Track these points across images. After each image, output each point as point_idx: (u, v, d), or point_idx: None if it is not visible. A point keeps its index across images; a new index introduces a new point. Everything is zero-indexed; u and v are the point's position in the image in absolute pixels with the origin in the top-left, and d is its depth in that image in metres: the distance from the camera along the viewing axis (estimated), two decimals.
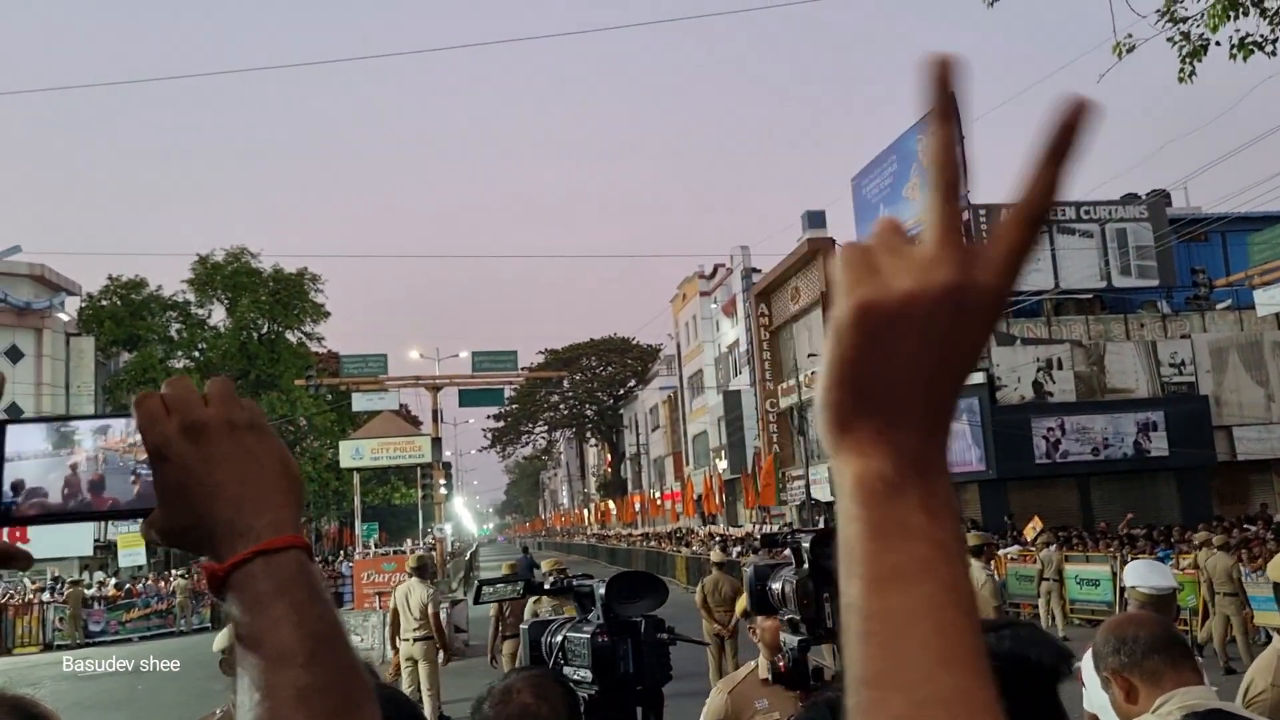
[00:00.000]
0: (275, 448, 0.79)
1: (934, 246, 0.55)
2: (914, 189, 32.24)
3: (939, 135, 0.57)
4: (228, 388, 0.80)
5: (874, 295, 0.54)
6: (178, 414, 0.77)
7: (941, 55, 0.56)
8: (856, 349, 0.55)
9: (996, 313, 0.56)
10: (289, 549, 0.75)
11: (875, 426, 0.55)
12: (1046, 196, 0.55)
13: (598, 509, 75.41)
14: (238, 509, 0.75)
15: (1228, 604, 12.67)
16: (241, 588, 0.74)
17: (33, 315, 36.87)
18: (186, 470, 0.76)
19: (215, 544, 0.75)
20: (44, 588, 27.36)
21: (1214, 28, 9.44)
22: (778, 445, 40.43)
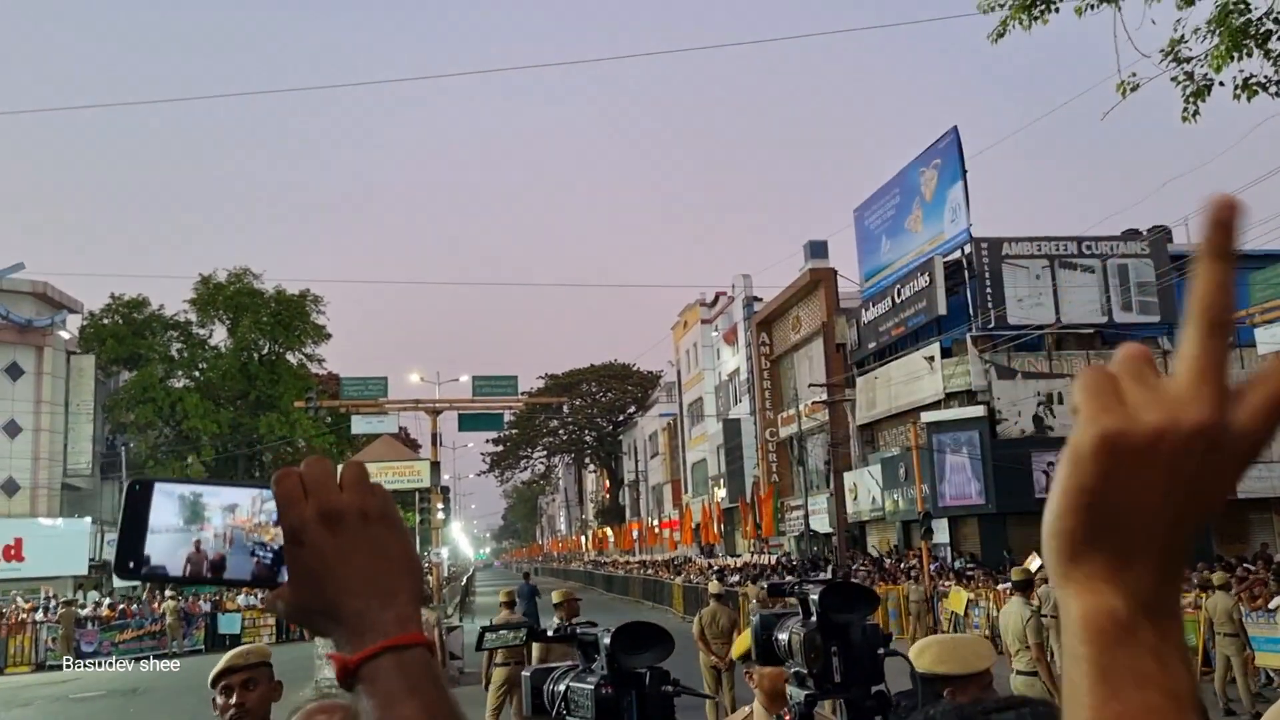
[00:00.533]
0: (403, 539, 0.82)
1: (1191, 382, 0.52)
2: (916, 222, 32.33)
3: (1213, 274, 0.53)
4: (363, 474, 0.82)
5: (1121, 426, 0.52)
6: (315, 498, 0.78)
7: (1226, 198, 0.53)
8: (1096, 479, 0.52)
9: (1249, 459, 0.53)
10: (416, 646, 0.78)
11: (1108, 562, 0.53)
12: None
13: (595, 535, 75.12)
14: (366, 602, 0.78)
15: (1228, 644, 12.58)
16: (371, 681, 0.76)
17: (34, 333, 36.87)
18: (320, 558, 0.78)
19: (343, 634, 0.78)
20: (37, 607, 27.20)
21: (1217, 68, 9.49)
22: (777, 475, 40.33)
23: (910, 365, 29.92)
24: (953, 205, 30.06)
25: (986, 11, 10.25)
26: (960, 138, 30.26)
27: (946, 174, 30.57)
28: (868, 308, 34.00)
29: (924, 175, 31.81)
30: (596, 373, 72.64)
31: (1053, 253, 28.87)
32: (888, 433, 32.34)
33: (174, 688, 19.60)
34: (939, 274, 29.44)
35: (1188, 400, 0.52)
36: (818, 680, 1.72)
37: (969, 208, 29.40)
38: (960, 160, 30.02)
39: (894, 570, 24.98)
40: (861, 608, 1.75)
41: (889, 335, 32.31)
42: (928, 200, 31.53)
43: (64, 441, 37.85)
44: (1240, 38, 9.39)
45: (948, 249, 30.06)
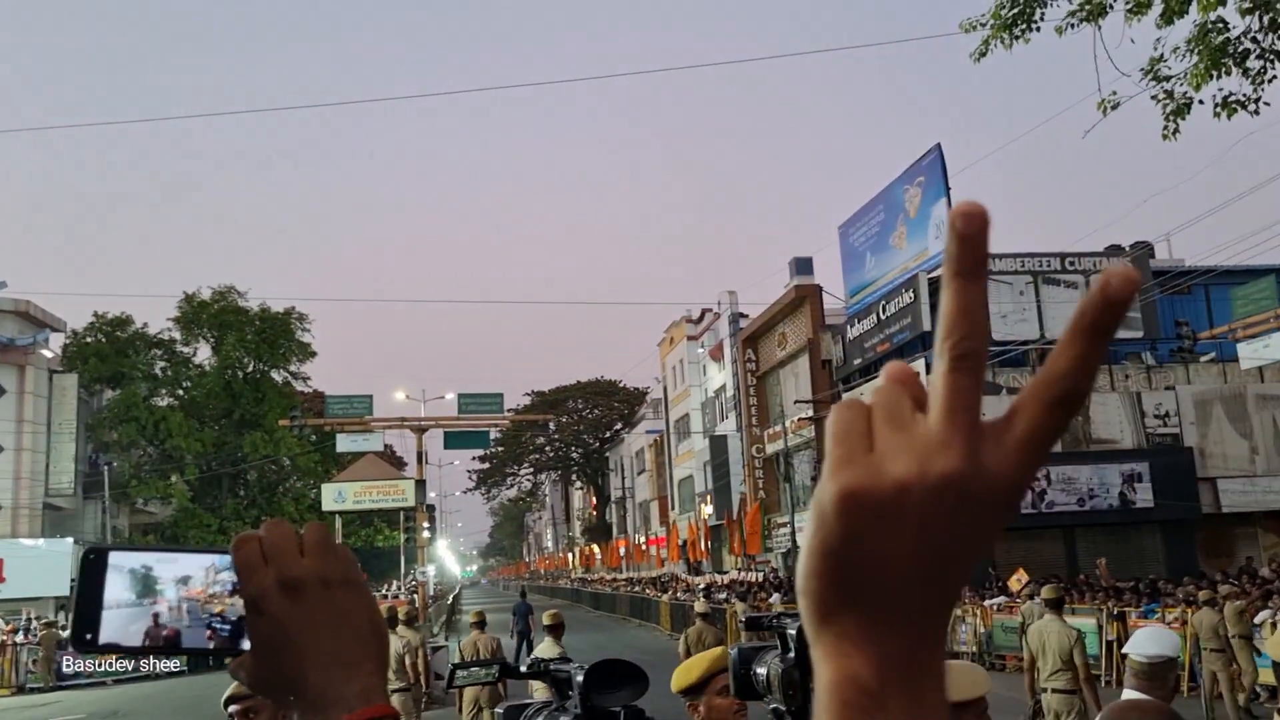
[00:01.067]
0: (366, 605, 0.79)
1: (940, 425, 0.47)
2: (900, 238, 32.44)
3: (958, 296, 0.48)
4: (325, 538, 0.80)
5: (862, 481, 0.47)
6: (275, 565, 0.76)
7: (971, 207, 0.47)
8: (839, 539, 0.47)
9: (1009, 507, 0.48)
10: (380, 719, 0.75)
11: (858, 624, 0.47)
12: (1076, 376, 0.46)
13: (582, 553, 74.90)
14: (328, 675, 0.75)
15: (1214, 660, 12.59)
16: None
17: (16, 351, 36.61)
18: (279, 628, 0.75)
19: (305, 708, 0.76)
20: (17, 629, 26.89)
21: (1197, 86, 9.56)
22: (764, 491, 40.29)
23: None
24: (936, 222, 30.19)
25: (969, 31, 10.32)
26: (944, 155, 30.43)
27: (930, 191, 30.72)
28: (853, 324, 34.07)
29: (908, 192, 31.95)
30: (583, 390, 72.56)
31: (1036, 269, 29.01)
32: None
33: (157, 709, 19.39)
34: (923, 290, 29.53)
35: (935, 446, 0.46)
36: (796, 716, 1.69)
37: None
38: (944, 177, 30.17)
39: None
40: None
41: (874, 351, 32.37)
42: (912, 217, 31.67)
43: (46, 461, 37.53)
44: (1219, 56, 9.47)
45: (932, 265, 30.16)
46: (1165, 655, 3.73)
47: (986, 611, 19.61)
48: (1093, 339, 0.46)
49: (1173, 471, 26.44)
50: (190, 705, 19.74)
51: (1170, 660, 3.75)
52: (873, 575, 0.47)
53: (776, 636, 1.76)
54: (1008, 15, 10.02)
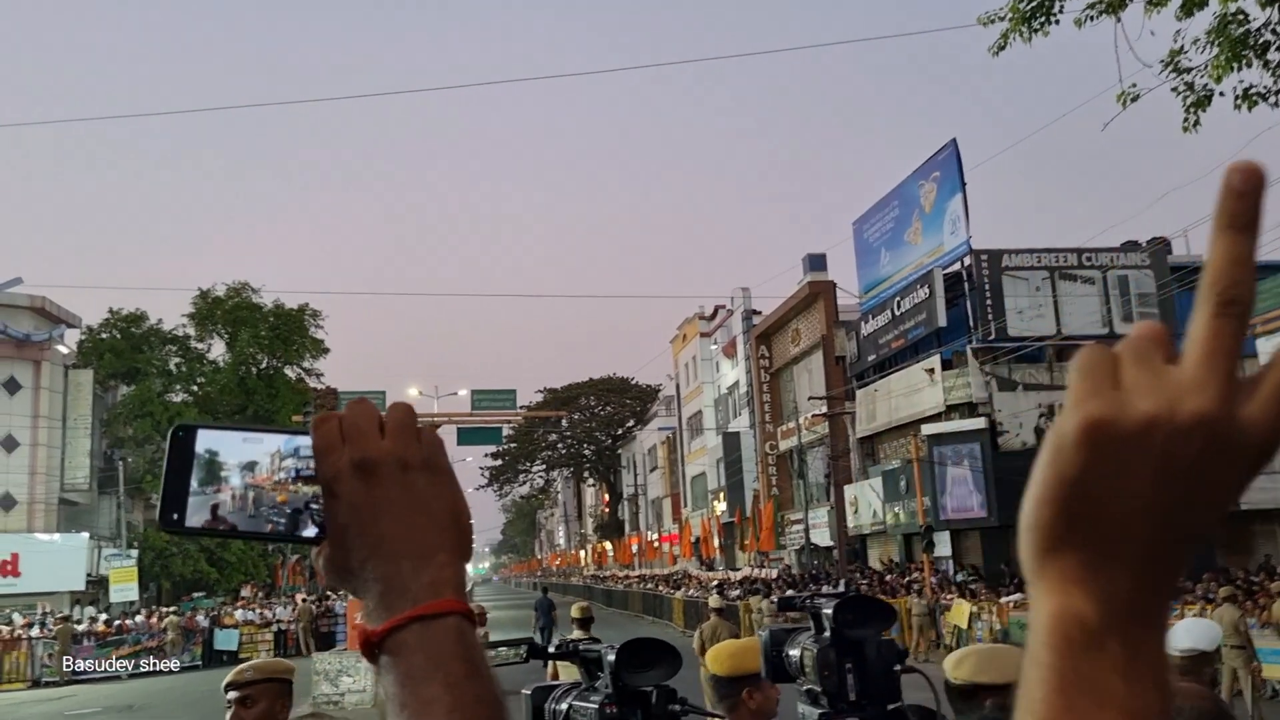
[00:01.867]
0: (447, 493, 0.73)
1: (1195, 368, 0.46)
2: (915, 234, 32.31)
3: (1230, 248, 0.46)
4: (409, 419, 0.74)
5: (1110, 412, 0.46)
6: (352, 445, 0.71)
7: (1249, 165, 0.46)
8: (1078, 469, 0.46)
9: (1260, 460, 0.46)
10: (448, 615, 0.69)
11: (1083, 560, 0.47)
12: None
13: (594, 550, 74.93)
14: (397, 565, 0.70)
15: (1234, 656, 12.48)
16: (395, 655, 0.68)
17: (32, 347, 36.80)
18: (354, 514, 0.70)
19: (372, 600, 0.70)
20: (32, 623, 27.04)
21: (1218, 78, 9.47)
22: (777, 488, 40.21)
23: (910, 378, 29.85)
24: (952, 217, 30.05)
25: (987, 24, 10.24)
26: (959, 150, 30.28)
27: (946, 186, 30.58)
28: (867, 320, 33.96)
29: (923, 187, 31.81)
30: (595, 386, 72.54)
31: (1053, 264, 28.85)
32: (888, 445, 32.25)
33: (170, 703, 19.47)
34: (939, 286, 29.41)
35: (1189, 387, 0.46)
36: (832, 699, 1.65)
37: (968, 219, 29.39)
38: (959, 172, 30.03)
39: (895, 584, 24.87)
40: (876, 622, 1.68)
41: (889, 348, 32.25)
42: (927, 212, 31.53)
43: (61, 456, 37.72)
44: (1240, 48, 9.38)
45: (947, 261, 30.03)
46: (1199, 649, 3.67)
47: (1003, 609, 19.53)
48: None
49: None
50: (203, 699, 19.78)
51: (1204, 654, 3.70)
52: (1107, 510, 0.46)
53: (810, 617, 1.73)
54: (1026, 8, 9.94)
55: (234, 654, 28.17)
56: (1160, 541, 0.46)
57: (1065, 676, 0.46)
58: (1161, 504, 0.46)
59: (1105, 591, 0.46)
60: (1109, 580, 0.46)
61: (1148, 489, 0.45)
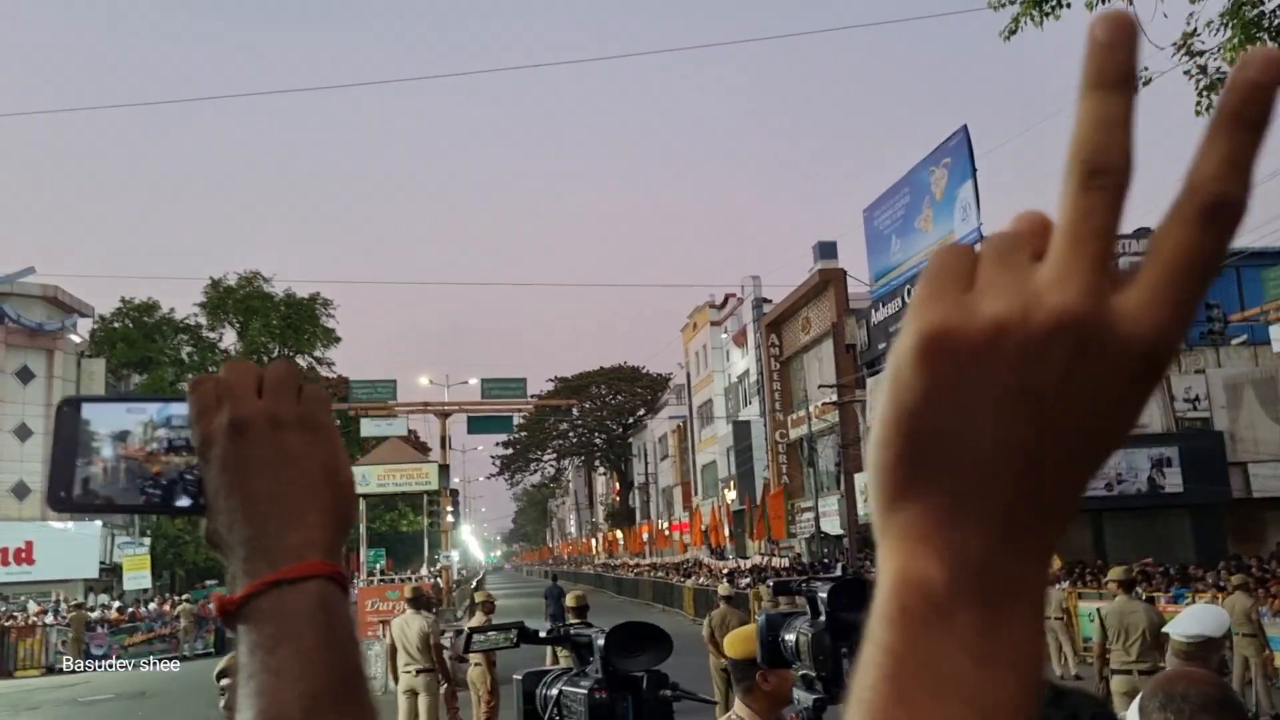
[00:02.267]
0: (324, 451, 0.68)
1: (1059, 254, 0.36)
2: (926, 221, 32.18)
3: (1096, 108, 0.36)
4: (287, 375, 0.69)
5: (949, 320, 0.35)
6: (227, 405, 0.67)
7: (1116, 13, 0.37)
8: (917, 397, 0.36)
9: (1150, 369, 0.36)
10: (310, 579, 0.63)
11: (930, 511, 0.36)
12: (1225, 179, 0.35)
13: (605, 538, 75.08)
14: (264, 524, 0.65)
15: (1247, 645, 12.42)
16: (249, 624, 0.63)
17: (45, 336, 36.98)
18: (223, 473, 0.66)
19: (235, 565, 0.65)
20: (47, 610, 27.24)
21: (1231, 61, 9.37)
22: (787, 477, 40.20)
23: None
24: (963, 204, 29.90)
25: (998, 9, 10.17)
26: (970, 136, 30.11)
27: (956, 173, 30.42)
28: (878, 308, 33.86)
29: (934, 174, 31.66)
30: (606, 375, 72.60)
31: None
32: None
33: (183, 690, 19.57)
34: None
35: (1049, 282, 0.35)
36: (827, 684, 1.62)
37: (979, 206, 29.24)
38: (970, 159, 29.87)
39: None
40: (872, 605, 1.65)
41: None
42: (938, 199, 31.38)
43: None
44: (1253, 30, 9.30)
45: None
46: (1206, 635, 3.65)
47: None
48: (1238, 131, 0.35)
49: (1202, 456, 26.14)
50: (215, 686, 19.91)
51: (1212, 640, 3.68)
52: (957, 446, 0.36)
53: (805, 601, 1.70)
54: None
55: None
56: (1028, 485, 0.35)
57: (901, 657, 0.36)
58: (1022, 435, 0.35)
59: (956, 552, 0.36)
60: (961, 537, 0.36)
61: (1005, 416, 0.35)
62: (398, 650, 10.44)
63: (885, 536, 0.38)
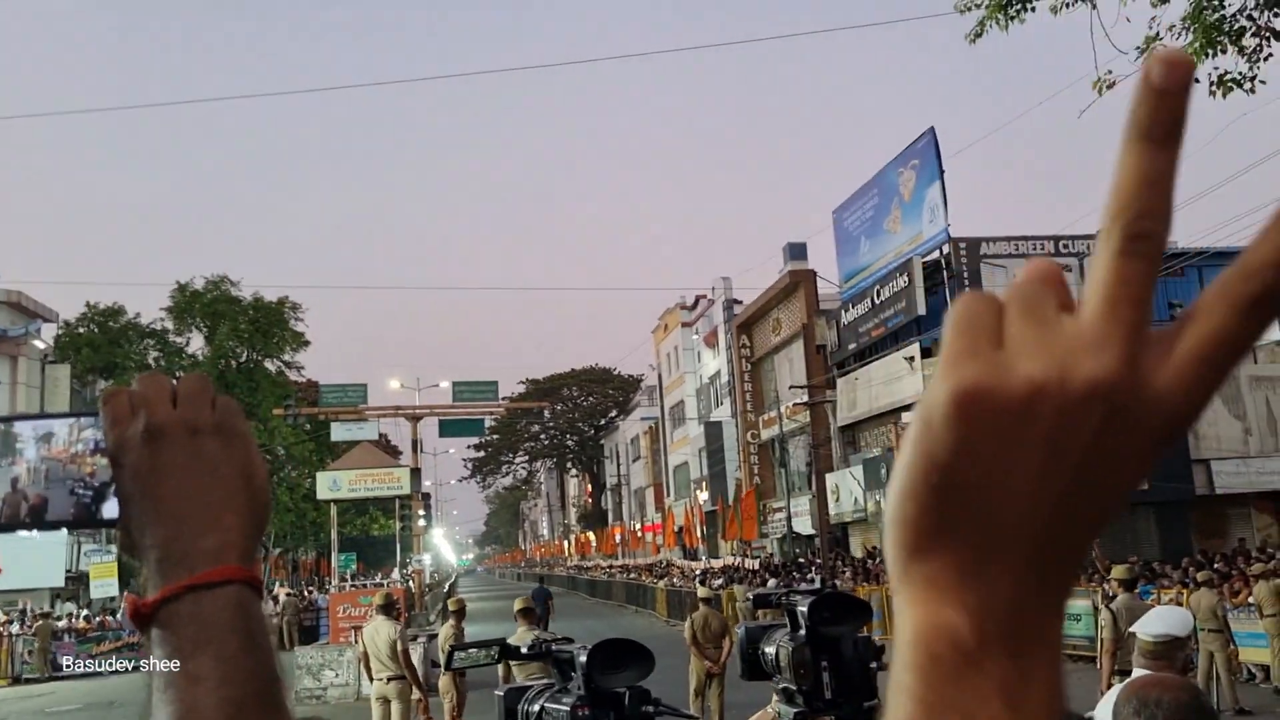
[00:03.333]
0: (240, 456, 0.69)
1: (1097, 319, 0.36)
2: (895, 222, 32.40)
3: (1143, 164, 0.35)
4: (202, 386, 0.71)
5: (985, 380, 0.35)
6: (142, 414, 0.68)
7: (1176, 56, 0.35)
8: (948, 452, 0.36)
9: (1171, 436, 0.37)
10: (226, 584, 0.64)
11: (958, 563, 0.37)
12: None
13: (578, 540, 74.98)
14: (177, 529, 0.65)
15: (1212, 640, 12.60)
16: (165, 628, 0.63)
17: (7, 342, 36.45)
18: (136, 480, 0.67)
19: (149, 569, 0.66)
20: (12, 620, 26.83)
21: None
22: (759, 477, 40.33)
23: (890, 366, 29.97)
24: (931, 205, 30.14)
25: (963, 11, 10.26)
26: (938, 138, 30.36)
27: (924, 174, 30.66)
28: (847, 309, 34.05)
29: (902, 176, 31.89)
30: (577, 377, 72.56)
31: (1031, 252, 28.97)
32: (869, 433, 32.38)
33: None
34: (918, 274, 29.51)
35: (1086, 346, 0.35)
36: (808, 697, 1.64)
37: (947, 208, 29.48)
38: (938, 160, 30.11)
39: (878, 571, 24.99)
40: (853, 619, 1.67)
41: (869, 336, 32.36)
42: (906, 201, 31.61)
43: None
44: (1214, 34, 9.43)
45: (926, 249, 30.14)
46: (1172, 634, 3.70)
47: None
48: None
49: (1166, 452, 26.39)
50: None
51: (1178, 639, 3.73)
52: (985, 501, 0.36)
53: (785, 614, 1.72)
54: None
55: None
56: (1051, 538, 0.36)
57: (932, 706, 0.36)
58: (1052, 492, 0.36)
59: (983, 602, 0.36)
60: (988, 588, 0.36)
61: (1034, 472, 0.36)
62: (370, 657, 10.38)
63: (908, 585, 0.38)
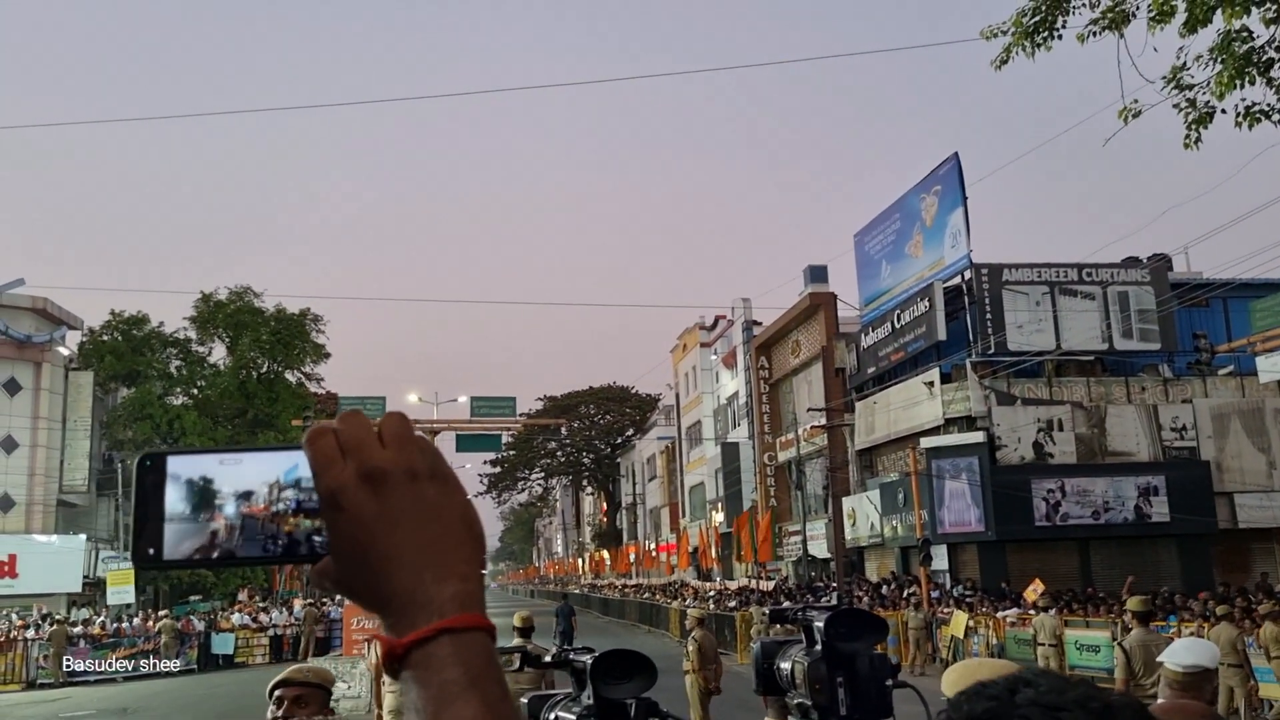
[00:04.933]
0: (459, 501, 0.71)
1: None
2: (916, 247, 32.34)
3: None
4: (406, 428, 0.72)
5: None
6: (354, 457, 0.69)
7: None
8: None
9: None
10: (477, 630, 0.67)
11: None
12: None
13: (592, 558, 74.77)
14: (419, 577, 0.68)
15: (1231, 675, 12.43)
16: (424, 669, 0.66)
17: (33, 348, 36.79)
18: (363, 526, 0.68)
19: (392, 613, 0.68)
20: (29, 624, 26.97)
21: (1220, 95, 9.47)
22: (775, 499, 40.15)
23: (910, 390, 29.84)
24: (953, 231, 30.07)
25: (990, 38, 10.25)
26: (961, 164, 30.31)
27: (947, 200, 30.61)
28: (867, 332, 33.96)
29: (924, 201, 31.84)
30: (595, 395, 72.49)
31: (1053, 279, 28.85)
32: (887, 458, 32.22)
33: (165, 706, 19.41)
34: (939, 299, 29.41)
35: None
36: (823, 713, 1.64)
37: (969, 233, 29.41)
38: (961, 186, 30.05)
39: (893, 597, 24.82)
40: (869, 636, 1.67)
41: (888, 360, 32.24)
42: (928, 226, 31.55)
43: (60, 458, 37.68)
44: (1243, 65, 9.39)
45: (948, 274, 30.05)
46: (1202, 665, 3.66)
47: (999, 623, 19.48)
48: None
49: (1189, 485, 26.22)
50: (197, 702, 19.76)
51: (1207, 671, 3.69)
52: None
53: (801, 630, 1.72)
54: (1030, 22, 9.96)
55: (230, 658, 28.09)
56: None
57: None
58: None
59: None
60: None
61: None
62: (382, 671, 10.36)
63: None
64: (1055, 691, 0.81)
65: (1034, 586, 19.49)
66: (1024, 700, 0.80)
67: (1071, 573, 25.75)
